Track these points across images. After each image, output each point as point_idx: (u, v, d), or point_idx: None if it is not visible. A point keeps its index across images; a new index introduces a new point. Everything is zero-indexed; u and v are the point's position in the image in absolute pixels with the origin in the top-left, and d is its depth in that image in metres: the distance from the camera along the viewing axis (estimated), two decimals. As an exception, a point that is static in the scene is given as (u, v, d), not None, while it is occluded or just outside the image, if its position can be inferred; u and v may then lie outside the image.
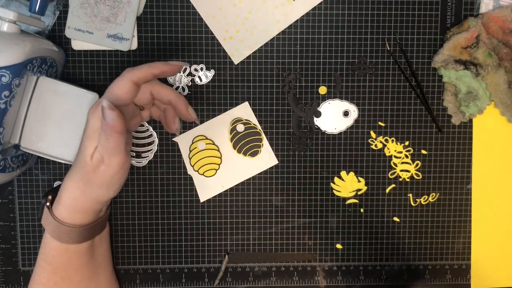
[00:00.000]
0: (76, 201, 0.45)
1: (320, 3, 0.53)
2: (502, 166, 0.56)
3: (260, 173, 0.55)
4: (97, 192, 0.44)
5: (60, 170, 0.54)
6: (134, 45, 0.52)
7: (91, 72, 0.53)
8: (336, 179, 0.55)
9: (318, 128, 0.55)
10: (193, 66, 0.54)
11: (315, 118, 0.55)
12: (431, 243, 0.57)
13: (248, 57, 0.54)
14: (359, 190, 0.56)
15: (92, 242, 0.48)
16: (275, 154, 0.55)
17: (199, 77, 0.54)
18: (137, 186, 0.55)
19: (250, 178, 0.55)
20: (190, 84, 0.54)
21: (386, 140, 0.55)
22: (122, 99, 0.43)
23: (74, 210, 0.45)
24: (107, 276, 0.52)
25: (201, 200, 0.55)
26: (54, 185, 0.54)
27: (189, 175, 0.55)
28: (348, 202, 0.56)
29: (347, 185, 0.55)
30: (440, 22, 0.54)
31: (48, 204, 0.46)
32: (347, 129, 0.55)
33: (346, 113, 0.55)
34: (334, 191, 0.55)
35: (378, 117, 0.55)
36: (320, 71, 0.54)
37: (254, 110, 0.54)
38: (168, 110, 0.48)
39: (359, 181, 0.55)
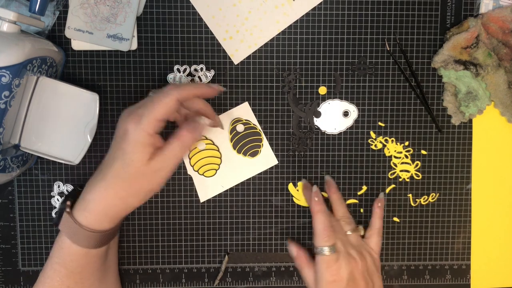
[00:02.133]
0: (111, 208, 0.45)
1: (320, 3, 0.53)
2: (502, 166, 0.56)
3: (260, 173, 0.55)
4: (140, 199, 0.45)
5: (60, 170, 0.54)
6: (134, 45, 0.52)
7: (91, 72, 0.53)
8: (291, 186, 0.55)
9: (318, 128, 0.55)
10: (193, 66, 0.54)
11: (315, 118, 0.55)
12: (431, 243, 0.57)
13: (248, 57, 0.54)
14: (360, 190, 0.56)
15: (108, 245, 0.49)
16: (275, 154, 0.55)
17: (199, 77, 0.54)
18: (137, 186, 0.55)
19: (250, 178, 0.55)
20: (190, 84, 0.54)
21: (386, 140, 0.55)
22: (167, 115, 0.44)
23: (104, 217, 0.45)
24: (114, 278, 0.53)
25: (201, 200, 0.55)
26: (54, 186, 0.54)
27: (189, 175, 0.55)
28: (348, 202, 0.56)
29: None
30: (440, 22, 0.54)
31: (68, 210, 0.46)
32: (347, 129, 0.55)
33: (346, 113, 0.55)
34: (294, 199, 0.55)
35: (378, 117, 0.55)
36: (320, 71, 0.54)
37: (254, 110, 0.55)
38: (190, 116, 0.49)
39: None
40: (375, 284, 0.50)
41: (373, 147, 0.56)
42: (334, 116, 0.55)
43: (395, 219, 0.56)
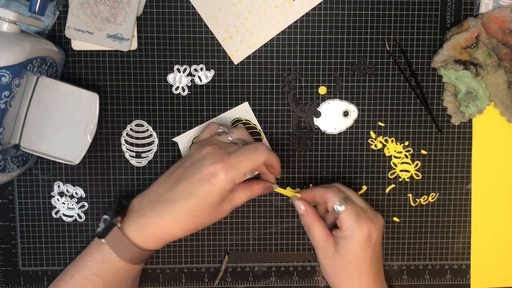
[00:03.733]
0: (170, 234, 0.46)
1: (320, 3, 0.53)
2: (502, 166, 0.56)
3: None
4: (198, 229, 0.47)
5: (60, 170, 0.54)
6: (134, 45, 0.52)
7: (91, 72, 0.53)
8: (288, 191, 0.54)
9: (318, 128, 0.55)
10: (193, 66, 0.54)
11: (315, 118, 0.55)
12: (431, 243, 0.57)
13: (248, 57, 0.54)
14: (360, 189, 0.56)
15: None
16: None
17: (199, 77, 0.54)
18: (137, 186, 0.55)
19: (249, 178, 0.55)
20: (190, 84, 0.54)
21: (386, 140, 0.55)
22: (252, 171, 0.48)
23: (160, 240, 0.46)
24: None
25: (201, 200, 0.55)
26: (54, 186, 0.54)
27: (189, 175, 0.55)
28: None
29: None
30: (440, 22, 0.54)
31: (119, 225, 0.46)
32: (347, 129, 0.55)
33: (346, 113, 0.55)
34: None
35: (378, 117, 0.55)
36: (320, 71, 0.54)
37: (254, 110, 0.55)
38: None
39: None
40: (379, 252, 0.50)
41: (373, 147, 0.56)
42: (334, 116, 0.55)
43: (395, 219, 0.56)
